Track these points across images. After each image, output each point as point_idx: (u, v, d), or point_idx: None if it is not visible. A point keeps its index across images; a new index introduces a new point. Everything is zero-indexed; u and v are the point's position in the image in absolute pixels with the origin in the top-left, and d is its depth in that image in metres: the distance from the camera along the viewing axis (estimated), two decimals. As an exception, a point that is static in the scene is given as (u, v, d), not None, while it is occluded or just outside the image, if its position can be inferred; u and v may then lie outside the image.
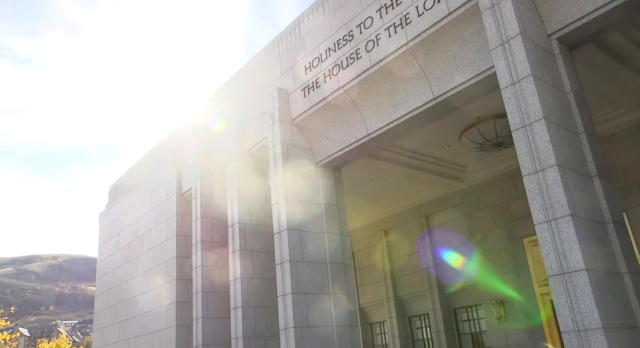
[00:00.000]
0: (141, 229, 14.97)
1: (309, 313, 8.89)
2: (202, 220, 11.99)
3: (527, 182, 5.79)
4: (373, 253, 15.68)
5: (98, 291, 17.40)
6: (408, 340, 14.69)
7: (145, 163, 16.35)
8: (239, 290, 10.09)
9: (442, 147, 11.41)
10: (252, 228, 10.70)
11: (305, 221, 9.53)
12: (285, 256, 9.12)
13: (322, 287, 9.25)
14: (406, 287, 14.70)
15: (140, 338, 13.72)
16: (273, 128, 10.08)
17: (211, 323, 11.14)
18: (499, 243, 11.92)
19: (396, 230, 15.14)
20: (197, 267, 11.67)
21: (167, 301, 12.76)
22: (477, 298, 12.53)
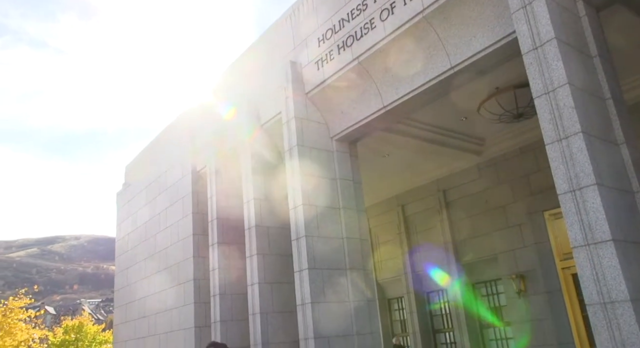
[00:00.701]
0: (157, 208, 15.01)
1: (326, 288, 8.83)
2: (218, 198, 11.94)
3: (550, 151, 5.56)
4: (390, 229, 15.55)
5: (117, 269, 17.62)
6: (426, 315, 14.63)
7: (160, 142, 16.33)
8: (255, 266, 10.06)
9: (459, 119, 11.12)
10: (268, 204, 10.61)
11: (321, 196, 9.41)
12: (301, 232, 9.03)
13: (338, 263, 9.16)
14: (424, 262, 14.56)
15: (160, 315, 13.87)
16: (286, 103, 9.91)
17: (228, 300, 11.17)
18: (518, 217, 11.68)
19: (413, 206, 14.97)
20: (213, 244, 11.67)
21: (184, 278, 12.83)
22: (496, 273, 12.36)
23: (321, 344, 8.40)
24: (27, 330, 18.86)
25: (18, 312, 18.91)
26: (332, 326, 8.64)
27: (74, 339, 23.85)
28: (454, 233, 13.61)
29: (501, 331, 12.80)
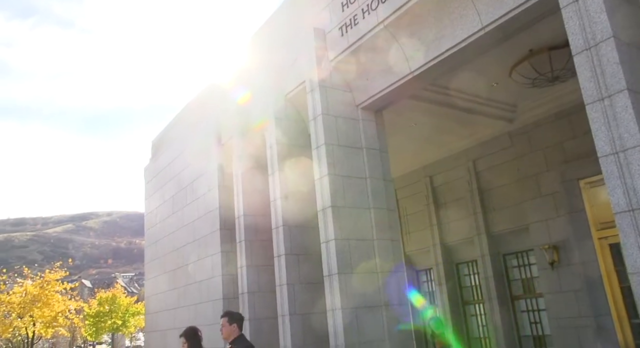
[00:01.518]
0: (184, 181, 15.06)
1: (353, 259, 8.70)
2: (243, 170, 11.85)
3: (591, 111, 5.20)
4: (418, 201, 15.30)
5: (147, 243, 17.88)
6: (455, 286, 14.45)
7: (185, 115, 16.29)
8: (281, 237, 9.98)
9: (490, 85, 10.68)
10: (293, 175, 10.44)
11: (347, 166, 9.21)
12: (327, 202, 8.87)
13: (365, 233, 9.00)
14: (453, 234, 14.33)
15: (189, 287, 14.04)
16: (310, 71, 9.65)
17: (255, 271, 11.17)
18: (552, 186, 11.27)
19: (442, 176, 14.65)
20: (239, 216, 11.64)
21: (212, 251, 12.89)
22: (528, 244, 12.03)
23: (348, 315, 8.31)
24: (63, 301, 19.43)
25: (54, 284, 19.45)
26: (359, 297, 8.53)
27: (108, 310, 24.60)
28: (483, 204, 13.28)
29: (532, 302, 12.53)
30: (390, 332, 8.60)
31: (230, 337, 5.22)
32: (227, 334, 5.25)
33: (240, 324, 5.30)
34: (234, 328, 5.22)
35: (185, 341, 6.00)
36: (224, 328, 5.24)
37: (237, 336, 5.20)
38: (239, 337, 5.20)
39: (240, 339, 5.19)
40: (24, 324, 18.51)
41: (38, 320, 18.58)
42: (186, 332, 6.09)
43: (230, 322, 5.25)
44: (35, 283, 19.06)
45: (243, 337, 5.23)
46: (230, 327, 5.22)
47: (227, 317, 5.30)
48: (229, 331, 5.24)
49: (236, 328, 5.23)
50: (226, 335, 5.24)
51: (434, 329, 12.87)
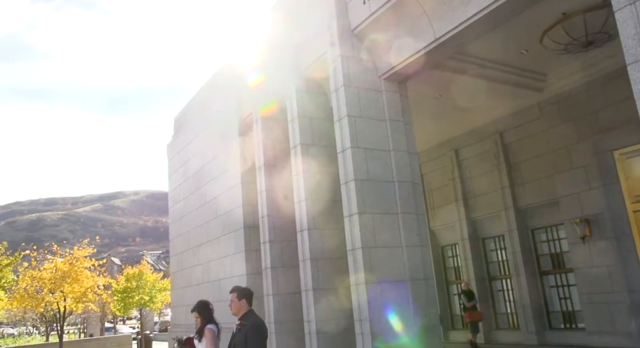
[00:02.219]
0: (206, 157, 15.01)
1: (377, 233, 8.52)
2: (264, 143, 11.69)
3: (633, 72, 4.83)
4: (443, 175, 14.99)
5: (171, 220, 18.00)
6: (482, 262, 14.20)
7: (206, 91, 16.17)
8: (304, 212, 9.85)
9: (519, 52, 10.22)
10: (315, 149, 10.25)
11: (370, 138, 8.97)
12: (350, 175, 8.67)
13: (389, 207, 8.80)
14: (479, 208, 14.02)
15: (213, 263, 14.10)
16: (331, 41, 9.35)
17: (278, 247, 11.09)
18: (584, 158, 10.84)
19: (468, 150, 14.28)
20: (261, 191, 11.52)
21: (235, 226, 12.86)
22: (558, 218, 11.67)
23: (373, 290, 8.18)
24: (92, 277, 19.82)
25: (83, 261, 19.82)
26: (384, 271, 8.38)
27: (135, 286, 25.11)
28: (511, 177, 12.91)
29: (562, 277, 12.22)
30: (415, 307, 8.44)
31: (239, 312, 5.10)
32: (236, 310, 5.12)
33: (250, 299, 5.17)
34: (243, 304, 5.09)
35: (197, 315, 5.94)
36: (233, 304, 5.11)
37: (247, 311, 5.08)
38: (249, 312, 5.08)
39: (250, 314, 5.07)
40: (56, 299, 18.99)
41: (68, 295, 19.04)
42: (198, 306, 6.02)
43: (239, 297, 5.12)
44: (64, 259, 19.50)
45: (252, 312, 5.10)
46: (239, 303, 5.09)
47: (236, 293, 5.16)
48: (238, 306, 5.11)
49: (245, 304, 5.10)
50: (235, 310, 5.12)
51: (465, 303, 12.78)
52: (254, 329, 4.87)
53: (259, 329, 4.89)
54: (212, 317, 5.78)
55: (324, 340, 9.17)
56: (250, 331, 4.84)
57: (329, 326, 9.31)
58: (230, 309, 5.15)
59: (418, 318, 8.39)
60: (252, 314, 5.06)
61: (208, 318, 5.81)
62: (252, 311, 5.10)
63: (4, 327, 55.96)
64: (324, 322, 9.30)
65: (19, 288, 19.29)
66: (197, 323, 5.96)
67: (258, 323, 4.95)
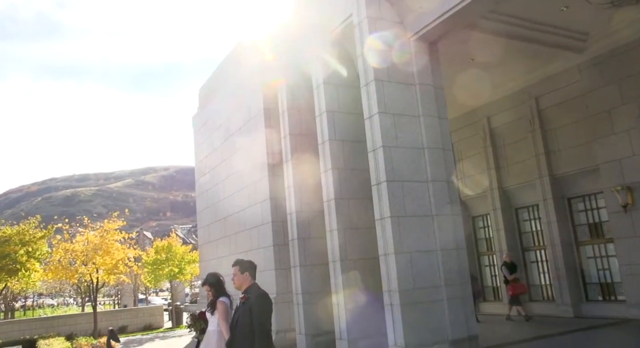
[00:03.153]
0: (231, 128, 14.82)
1: (406, 202, 8.20)
2: (289, 113, 11.40)
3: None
4: (474, 143, 14.47)
5: (198, 192, 18.00)
6: (514, 232, 13.75)
7: (230, 61, 15.87)
8: (330, 181, 9.57)
9: (558, 9, 9.57)
10: (341, 116, 9.90)
11: (399, 103, 8.57)
12: (378, 142, 8.32)
13: (419, 174, 8.44)
14: (513, 177, 13.51)
15: (240, 235, 14.03)
16: (357, 2, 8.89)
17: (305, 217, 10.90)
18: (627, 122, 10.21)
19: (501, 116, 13.70)
20: (287, 161, 11.29)
21: (261, 197, 12.70)
22: (597, 186, 11.12)
23: (402, 260, 7.91)
24: (122, 250, 20.11)
25: (113, 233, 20.10)
26: (413, 241, 8.08)
27: (164, 258, 25.51)
28: (547, 144, 12.33)
29: (601, 248, 11.72)
30: (446, 278, 8.15)
31: (242, 286, 4.86)
32: (239, 283, 4.89)
33: (253, 273, 4.93)
34: (246, 277, 4.85)
35: (209, 288, 5.78)
36: (236, 278, 4.88)
37: (250, 285, 4.85)
38: (252, 285, 4.85)
39: (254, 287, 4.83)
40: (88, 271, 19.40)
41: (100, 267, 19.41)
42: (209, 279, 5.86)
43: (242, 270, 4.88)
44: (95, 232, 19.81)
45: (256, 286, 4.86)
46: (242, 276, 4.85)
47: (239, 266, 4.92)
48: (241, 280, 4.87)
49: (248, 277, 4.86)
50: (238, 284, 4.89)
51: (507, 275, 12.35)
52: (258, 300, 4.64)
53: (264, 299, 4.66)
54: (223, 290, 5.61)
55: (352, 312, 8.99)
56: (255, 303, 4.62)
57: (357, 297, 9.11)
58: (233, 283, 4.94)
59: (449, 289, 8.11)
60: (256, 287, 4.84)
61: (220, 291, 5.65)
62: (255, 284, 4.88)
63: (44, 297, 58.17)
64: (352, 294, 9.10)
65: (53, 260, 19.76)
66: (208, 296, 5.81)
67: (263, 294, 4.72)
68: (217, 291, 5.63)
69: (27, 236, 18.33)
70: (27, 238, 18.31)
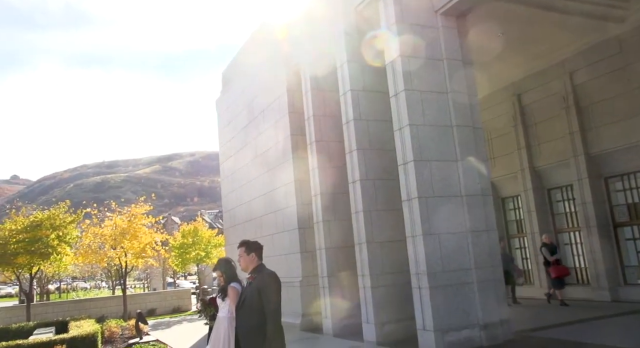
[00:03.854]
0: (255, 111, 14.64)
1: (434, 182, 7.91)
2: (313, 94, 11.16)
3: None
4: (504, 122, 13.98)
5: (222, 176, 17.96)
6: (547, 214, 13.29)
7: (253, 43, 15.63)
8: (355, 162, 9.32)
9: (597, -24, 9.03)
10: (365, 95, 9.60)
11: (426, 80, 8.25)
12: (404, 120, 8.02)
13: (448, 154, 8.13)
14: (545, 157, 13.01)
15: (266, 217, 13.93)
16: (382, -25, 8.52)
17: (330, 199, 10.69)
18: (670, 96, 9.64)
19: (532, 93, 13.16)
20: (311, 142, 11.08)
21: (285, 180, 12.53)
22: (637, 164, 10.59)
23: (431, 242, 7.65)
24: (150, 234, 20.27)
25: (140, 218, 20.26)
26: (442, 222, 7.81)
27: (191, 242, 25.69)
28: (582, 122, 11.78)
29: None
30: (477, 260, 7.87)
31: (249, 267, 4.65)
32: (245, 265, 4.68)
33: (259, 253, 4.71)
34: (253, 258, 4.64)
35: (220, 274, 5.62)
36: (242, 259, 4.67)
37: (257, 265, 4.65)
38: (259, 266, 4.65)
39: (261, 267, 4.63)
40: (117, 254, 19.64)
41: (128, 251, 19.61)
42: (220, 264, 5.70)
43: (248, 251, 4.66)
44: (122, 217, 19.99)
45: (263, 267, 4.66)
46: (248, 257, 4.65)
47: (244, 247, 4.70)
48: (247, 261, 4.66)
49: (255, 258, 4.65)
50: (244, 266, 4.69)
51: (548, 257, 11.87)
52: (266, 280, 4.43)
53: (272, 279, 4.45)
54: (235, 275, 5.44)
55: (379, 295, 8.79)
56: (262, 283, 4.42)
57: (384, 280, 8.90)
58: (239, 265, 4.75)
59: (480, 272, 7.83)
60: (262, 267, 4.64)
61: (231, 277, 5.48)
62: (262, 265, 4.68)
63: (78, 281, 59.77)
64: (379, 276, 8.90)
65: (83, 244, 20.04)
66: (220, 282, 5.65)
67: (271, 273, 4.52)
68: (229, 276, 5.47)
69: (57, 220, 18.60)
70: (58, 222, 18.58)
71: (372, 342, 8.58)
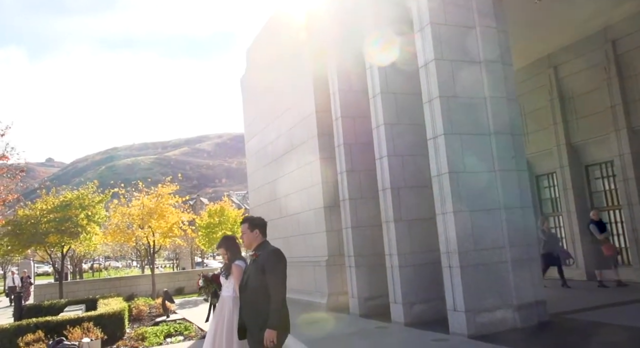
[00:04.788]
0: (279, 88, 14.33)
1: (466, 156, 7.50)
2: (339, 70, 10.77)
3: None
4: (539, 96, 13.35)
5: (248, 154, 17.79)
6: (584, 191, 12.69)
7: (276, 18, 15.24)
8: (383, 137, 8.95)
9: None
10: (393, 68, 9.17)
11: (457, 49, 7.79)
12: (434, 92, 7.60)
13: (480, 126, 7.70)
14: (583, 132, 12.37)
15: (290, 197, 13.71)
16: (410, -63, 8.02)
17: (356, 176, 10.38)
18: None
19: (570, 65, 12.47)
20: (336, 118, 10.73)
21: (310, 158, 12.25)
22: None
23: (461, 219, 7.28)
24: (176, 213, 20.38)
25: (167, 197, 20.36)
26: (473, 199, 7.42)
27: (217, 222, 25.83)
28: (625, 94, 11.11)
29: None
30: (511, 238, 7.47)
31: (252, 244, 4.41)
32: (248, 242, 4.44)
33: (263, 229, 4.46)
34: (256, 234, 4.39)
35: (224, 251, 5.40)
36: (245, 236, 4.44)
37: (261, 242, 4.39)
38: (263, 243, 4.39)
39: (265, 244, 4.38)
40: (145, 234, 19.82)
41: (156, 230, 19.76)
42: (225, 242, 5.48)
43: (252, 228, 4.42)
44: (150, 196, 20.12)
45: (267, 243, 4.41)
46: (251, 234, 4.40)
47: (248, 223, 4.46)
48: (250, 238, 4.42)
49: (259, 234, 4.40)
50: (248, 242, 4.44)
51: (597, 235, 11.25)
52: (270, 256, 4.23)
53: (276, 255, 4.22)
54: (239, 253, 5.21)
55: (407, 275, 8.49)
56: (267, 260, 4.19)
57: (412, 259, 8.59)
58: (242, 242, 4.50)
59: (514, 250, 7.43)
60: (267, 244, 4.39)
61: (235, 254, 5.25)
62: (266, 242, 4.43)
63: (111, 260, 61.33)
64: (407, 256, 8.59)
65: (111, 224, 20.33)
66: (224, 259, 5.43)
67: (275, 250, 4.28)
68: (233, 254, 5.25)
69: (86, 200, 18.86)
70: (87, 202, 18.84)
71: (400, 323, 8.32)
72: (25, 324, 10.19)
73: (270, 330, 3.96)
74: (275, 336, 3.96)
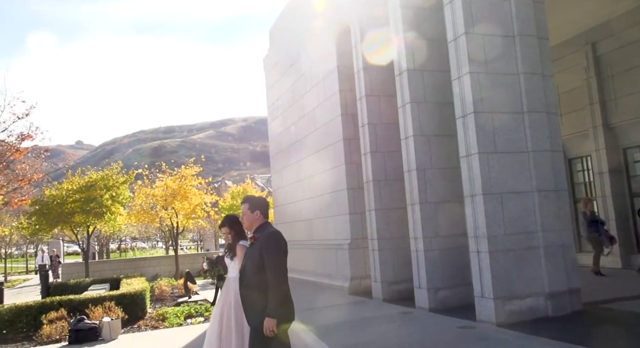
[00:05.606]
0: (302, 68, 14.01)
1: (497, 136, 7.10)
2: (363, 47, 10.37)
3: None
4: (574, 76, 12.71)
5: (270, 136, 17.57)
6: (622, 175, 12.08)
7: None
8: (409, 117, 8.58)
9: None
10: (421, 44, 8.74)
11: (489, 21, 7.32)
12: (464, 68, 7.19)
13: (513, 105, 7.26)
14: (622, 112, 11.73)
15: (313, 178, 13.47)
16: None
17: (380, 158, 10.05)
18: None
19: (609, 41, 11.80)
20: (361, 97, 10.38)
21: (334, 139, 11.95)
22: None
23: (491, 201, 6.91)
24: (199, 195, 20.40)
25: (190, 179, 20.38)
26: (504, 180, 7.03)
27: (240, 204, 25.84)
28: (670, 71, 10.44)
29: None
30: (543, 223, 7.07)
31: (253, 226, 4.16)
32: (249, 223, 4.19)
33: (265, 210, 4.21)
34: (257, 216, 4.15)
35: (228, 230, 5.18)
36: (245, 217, 4.20)
37: (262, 224, 4.13)
38: (264, 224, 4.14)
39: (265, 226, 4.12)
40: (168, 215, 19.91)
41: (179, 212, 19.81)
42: (228, 220, 5.25)
43: (252, 208, 4.17)
44: (173, 178, 20.17)
45: (268, 224, 4.17)
46: (252, 215, 4.15)
47: (248, 204, 4.21)
48: (251, 219, 4.17)
49: (260, 216, 4.15)
50: (248, 224, 4.20)
51: None
52: (269, 239, 4.00)
53: (275, 238, 3.98)
54: (244, 233, 4.97)
55: (432, 259, 8.18)
56: (265, 242, 3.95)
57: (438, 243, 8.27)
58: (243, 223, 4.25)
59: (547, 235, 7.04)
60: (267, 226, 4.14)
61: (240, 234, 5.02)
62: (268, 223, 4.19)
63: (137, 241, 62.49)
64: (433, 239, 8.26)
65: (135, 205, 20.49)
66: (227, 239, 5.20)
67: (274, 232, 4.04)
68: (237, 234, 5.02)
69: (110, 181, 18.98)
70: (111, 183, 18.97)
71: (424, 308, 8.04)
72: (48, 302, 10.28)
73: (270, 319, 3.71)
74: (274, 325, 3.70)
